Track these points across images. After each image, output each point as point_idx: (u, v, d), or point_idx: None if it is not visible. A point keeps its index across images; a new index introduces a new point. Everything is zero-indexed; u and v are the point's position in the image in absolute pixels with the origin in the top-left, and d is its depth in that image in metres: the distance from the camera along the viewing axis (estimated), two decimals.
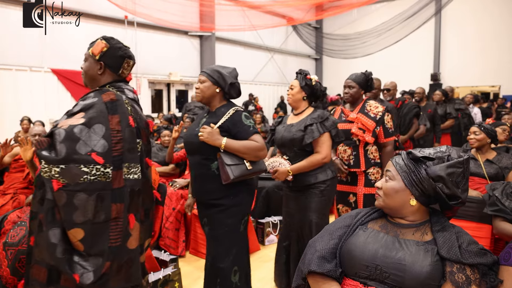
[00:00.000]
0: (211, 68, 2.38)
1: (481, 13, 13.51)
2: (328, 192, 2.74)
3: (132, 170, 1.76)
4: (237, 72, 2.44)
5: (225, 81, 2.34)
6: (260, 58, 14.28)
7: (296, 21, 14.18)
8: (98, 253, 1.66)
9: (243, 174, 2.19)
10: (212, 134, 2.20)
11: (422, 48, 14.54)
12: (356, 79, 3.04)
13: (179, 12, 10.46)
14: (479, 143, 3.02)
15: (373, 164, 2.99)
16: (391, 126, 3.03)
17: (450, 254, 1.30)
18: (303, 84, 2.75)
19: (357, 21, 14.97)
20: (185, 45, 11.78)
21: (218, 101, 2.38)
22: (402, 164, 1.42)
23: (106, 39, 1.95)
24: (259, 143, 2.22)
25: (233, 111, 2.29)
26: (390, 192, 1.42)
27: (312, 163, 2.67)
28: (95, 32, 9.38)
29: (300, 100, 2.78)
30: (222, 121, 2.27)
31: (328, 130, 2.67)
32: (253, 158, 2.23)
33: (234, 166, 2.17)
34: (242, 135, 2.24)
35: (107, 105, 1.74)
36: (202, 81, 2.36)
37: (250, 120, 2.29)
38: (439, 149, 1.45)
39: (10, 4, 7.78)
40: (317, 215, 2.70)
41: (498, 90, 13.76)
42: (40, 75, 8.40)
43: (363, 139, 2.95)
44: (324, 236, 1.51)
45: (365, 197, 2.98)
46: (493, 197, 2.39)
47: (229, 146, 2.19)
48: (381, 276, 1.33)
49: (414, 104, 5.05)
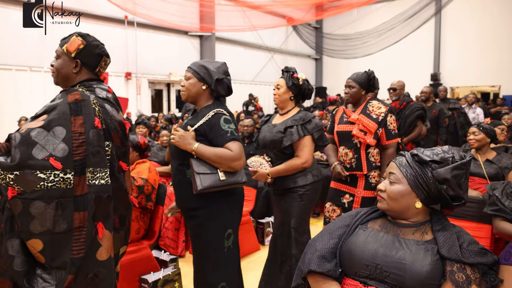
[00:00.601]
0: (197, 63, 2.17)
1: (481, 13, 13.51)
2: (308, 196, 2.62)
3: (98, 175, 1.61)
4: (227, 67, 2.22)
5: (211, 77, 2.12)
6: (260, 58, 14.29)
7: (296, 21, 14.19)
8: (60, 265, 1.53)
9: (215, 185, 1.95)
10: (183, 138, 2.00)
11: (422, 48, 14.55)
12: (357, 79, 2.91)
13: (179, 12, 10.47)
14: (478, 143, 3.01)
15: (374, 167, 2.89)
16: (394, 127, 2.90)
17: (450, 253, 1.30)
18: (290, 83, 2.61)
19: (357, 21, 14.98)
20: (185, 45, 11.78)
21: (205, 100, 2.16)
22: (408, 167, 1.40)
23: (82, 35, 1.81)
24: (233, 152, 1.97)
25: (212, 113, 2.06)
26: (396, 196, 1.40)
27: (291, 167, 2.55)
28: (95, 32, 9.30)
29: (287, 100, 2.66)
30: (199, 124, 2.06)
31: (310, 133, 2.54)
32: (226, 169, 1.99)
33: (204, 176, 1.95)
34: (218, 141, 2.01)
35: (70, 106, 1.62)
36: (188, 78, 2.16)
37: (229, 125, 2.04)
38: (441, 150, 1.44)
39: (10, 4, 7.78)
40: (295, 220, 2.59)
41: (498, 90, 13.76)
42: (40, 75, 8.40)
43: (364, 141, 2.82)
44: (324, 236, 1.51)
45: (364, 200, 2.89)
46: (493, 196, 2.39)
47: (200, 153, 1.98)
48: (381, 275, 1.33)
49: (418, 105, 4.75)
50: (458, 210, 2.62)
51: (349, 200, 2.93)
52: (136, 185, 2.77)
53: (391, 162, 1.48)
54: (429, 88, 5.86)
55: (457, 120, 6.52)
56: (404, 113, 4.67)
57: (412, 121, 4.62)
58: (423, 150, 1.44)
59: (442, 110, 5.76)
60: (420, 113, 4.66)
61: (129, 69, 10.21)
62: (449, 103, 6.73)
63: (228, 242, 2.11)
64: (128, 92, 10.43)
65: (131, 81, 10.40)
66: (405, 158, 1.44)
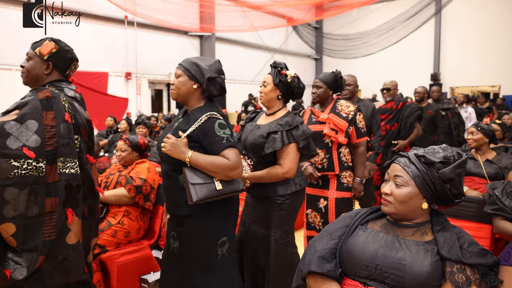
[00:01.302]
0: (189, 60, 2.02)
1: (481, 13, 13.51)
2: (288, 206, 2.41)
3: (68, 165, 1.75)
4: (220, 65, 2.06)
5: (203, 75, 1.96)
6: (260, 58, 14.29)
7: (296, 21, 14.19)
8: (32, 248, 1.65)
9: (211, 196, 1.83)
10: (176, 146, 1.86)
11: (422, 48, 14.55)
12: (324, 79, 2.85)
13: (179, 13, 10.48)
14: (476, 143, 3.02)
15: (346, 167, 2.84)
16: (363, 126, 2.89)
17: (451, 253, 1.30)
18: (277, 81, 2.40)
19: (357, 21, 14.98)
20: (185, 45, 11.79)
21: (196, 100, 2.01)
22: (414, 169, 1.39)
23: (54, 40, 1.97)
24: (230, 161, 1.83)
25: (205, 118, 1.91)
26: (404, 199, 1.38)
27: (271, 175, 2.35)
28: (95, 32, 9.39)
29: (274, 99, 2.44)
30: (192, 129, 1.91)
31: (295, 141, 2.32)
32: (223, 178, 1.85)
33: (200, 186, 1.81)
34: (213, 148, 1.87)
35: (42, 102, 1.76)
36: (178, 75, 2.01)
37: (225, 131, 1.90)
38: (440, 149, 1.44)
39: (10, 4, 7.78)
40: (275, 230, 2.39)
41: (498, 90, 13.77)
42: None
43: (336, 140, 2.77)
44: (324, 237, 1.51)
45: (337, 201, 2.81)
46: (493, 196, 2.39)
47: (194, 162, 1.84)
48: (381, 276, 1.33)
49: (416, 106, 4.60)
50: (458, 210, 2.63)
51: (324, 205, 2.85)
52: (134, 185, 2.77)
53: (394, 164, 1.45)
54: (423, 88, 5.70)
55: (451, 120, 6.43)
56: (403, 114, 4.47)
57: (412, 122, 4.49)
58: (423, 150, 1.44)
59: (438, 110, 5.71)
60: (419, 113, 4.56)
61: (129, 69, 10.21)
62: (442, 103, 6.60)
63: (222, 249, 2.00)
64: (128, 92, 10.44)
65: (131, 81, 10.40)
66: (409, 160, 1.42)
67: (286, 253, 2.43)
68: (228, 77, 8.96)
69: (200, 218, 1.95)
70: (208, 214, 1.95)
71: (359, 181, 2.86)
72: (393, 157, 1.51)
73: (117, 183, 2.82)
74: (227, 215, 2.03)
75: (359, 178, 2.86)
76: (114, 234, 2.68)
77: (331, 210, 2.83)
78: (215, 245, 1.97)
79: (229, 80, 12.92)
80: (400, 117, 4.46)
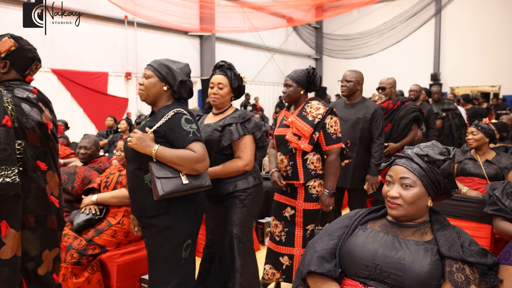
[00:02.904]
0: (159, 61, 2.01)
1: (481, 13, 13.52)
2: (250, 202, 2.35)
3: (2, 173, 1.57)
4: (190, 69, 2.10)
5: (174, 78, 1.98)
6: (260, 58, 14.29)
7: (296, 21, 14.19)
8: None
9: (178, 190, 1.80)
10: (142, 140, 1.84)
11: (422, 48, 14.55)
12: (295, 77, 2.60)
13: (179, 13, 10.47)
14: (477, 143, 3.01)
15: (313, 176, 2.57)
16: (335, 131, 2.56)
17: (451, 252, 1.30)
18: (236, 85, 2.40)
19: (357, 21, 14.98)
20: (185, 45, 11.78)
21: (164, 101, 2.01)
22: (419, 169, 1.40)
23: (14, 38, 1.83)
24: (197, 153, 1.83)
25: (172, 113, 1.91)
26: (414, 200, 1.39)
27: (231, 169, 2.30)
28: (95, 32, 9.39)
29: (228, 100, 2.43)
30: (159, 125, 1.91)
31: (251, 132, 2.32)
32: (189, 171, 1.83)
33: (166, 180, 1.79)
34: (179, 142, 1.87)
35: None
36: (148, 76, 1.98)
37: (191, 125, 1.90)
38: (434, 145, 1.46)
39: (10, 4, 7.78)
40: (238, 228, 2.32)
41: (498, 90, 13.76)
42: (40, 75, 8.34)
43: (298, 146, 2.51)
44: (324, 237, 1.51)
45: (306, 213, 2.60)
46: (493, 196, 2.39)
47: (161, 155, 1.82)
48: (381, 275, 1.33)
49: (413, 106, 4.12)
50: (458, 210, 2.63)
51: (290, 214, 2.66)
52: None
53: (397, 166, 1.43)
54: (418, 86, 5.32)
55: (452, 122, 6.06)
56: (398, 114, 4.02)
57: (407, 124, 3.99)
58: (419, 149, 1.44)
59: (431, 110, 5.28)
60: (416, 115, 4.05)
61: (129, 69, 10.20)
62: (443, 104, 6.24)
63: (185, 253, 1.97)
64: (128, 92, 10.43)
65: (131, 81, 10.40)
66: (412, 160, 1.42)
67: (249, 250, 2.39)
68: None
69: (165, 219, 1.92)
70: (173, 217, 1.92)
71: (327, 193, 2.54)
72: (390, 160, 1.50)
73: (117, 183, 2.82)
74: (192, 217, 1.99)
75: (328, 190, 2.54)
76: (114, 234, 2.68)
77: (299, 222, 2.63)
78: (180, 248, 1.95)
79: None
80: (395, 117, 4.02)
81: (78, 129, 8.56)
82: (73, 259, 2.49)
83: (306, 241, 2.61)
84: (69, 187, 2.97)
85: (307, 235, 2.62)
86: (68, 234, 2.63)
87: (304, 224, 2.62)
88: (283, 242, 2.70)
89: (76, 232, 2.65)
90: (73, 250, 2.52)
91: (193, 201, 1.98)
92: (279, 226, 2.71)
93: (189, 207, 1.96)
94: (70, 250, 2.51)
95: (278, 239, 2.72)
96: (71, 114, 8.84)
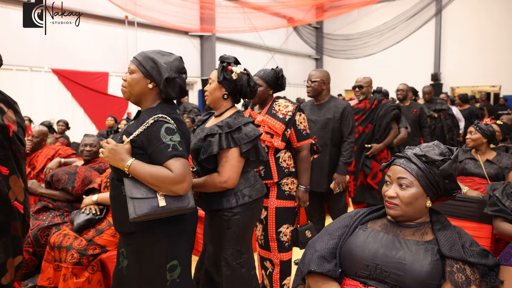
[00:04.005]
0: (145, 54, 1.74)
1: (482, 13, 13.51)
2: (237, 222, 2.06)
3: None
4: (182, 63, 1.79)
5: (160, 74, 1.69)
6: (261, 58, 14.28)
7: (297, 22, 14.19)
8: None
9: (152, 213, 1.54)
10: (115, 153, 1.59)
11: (423, 48, 14.54)
12: (264, 76, 2.53)
13: (180, 13, 10.48)
14: (474, 143, 3.01)
15: (287, 174, 2.52)
16: (304, 127, 2.56)
17: (452, 252, 1.30)
18: (221, 78, 2.07)
19: (357, 21, 14.98)
20: (186, 45, 11.79)
21: (151, 101, 1.75)
22: (417, 169, 1.40)
23: None
24: (174, 173, 1.55)
25: (152, 121, 1.63)
26: (411, 200, 1.39)
27: (209, 184, 2.02)
28: (95, 32, 9.39)
29: (219, 99, 2.11)
30: (136, 134, 1.64)
31: (237, 145, 1.99)
32: (167, 192, 1.57)
33: (139, 201, 1.54)
34: (157, 157, 1.59)
35: None
36: (131, 71, 1.73)
37: (172, 137, 1.61)
38: (434, 146, 1.45)
39: (10, 4, 7.78)
40: (225, 250, 2.09)
41: (498, 90, 13.75)
42: (40, 75, 8.40)
43: (272, 145, 2.45)
44: (324, 236, 1.51)
45: (278, 211, 2.51)
46: (494, 197, 2.39)
47: (134, 172, 1.57)
48: (381, 275, 1.33)
49: (392, 104, 3.93)
50: (459, 210, 2.63)
51: (265, 215, 2.55)
52: None
53: (395, 167, 1.44)
54: (405, 85, 5.16)
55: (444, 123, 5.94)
56: (378, 114, 3.86)
57: (389, 123, 3.85)
58: (420, 149, 1.44)
59: (423, 109, 5.12)
60: (396, 113, 3.88)
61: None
62: (435, 104, 6.09)
63: (172, 274, 1.73)
64: None
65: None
66: (410, 161, 1.42)
67: (239, 276, 2.11)
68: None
69: (144, 237, 1.69)
70: (153, 234, 1.69)
71: (303, 189, 2.53)
72: (391, 159, 1.51)
73: None
74: (177, 236, 1.75)
75: (304, 186, 2.53)
76: (115, 234, 2.68)
77: (271, 221, 2.53)
78: (162, 269, 1.71)
79: None
80: (375, 117, 3.88)
81: (79, 129, 8.56)
82: (74, 259, 2.49)
83: (282, 244, 2.53)
84: (69, 187, 2.97)
85: (281, 237, 2.52)
86: (68, 234, 2.63)
87: (277, 224, 2.51)
88: (263, 246, 2.62)
89: (77, 232, 2.66)
90: (74, 250, 2.52)
91: (181, 220, 1.73)
92: (259, 229, 2.63)
93: (173, 228, 1.72)
94: (71, 250, 2.51)
95: (260, 243, 2.65)
96: (71, 114, 8.85)
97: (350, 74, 3.53)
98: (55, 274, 2.61)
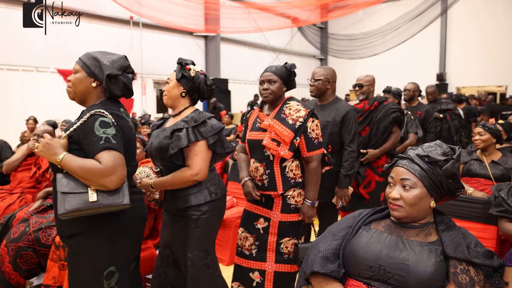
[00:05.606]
0: (89, 54, 1.75)
1: (487, 13, 13.44)
2: (206, 221, 2.06)
3: None
4: (127, 61, 1.82)
5: (102, 72, 1.70)
6: (265, 58, 14.28)
7: (301, 22, 14.18)
8: None
9: (83, 208, 1.51)
10: (49, 147, 1.58)
11: (428, 48, 14.50)
12: (277, 72, 2.29)
13: (185, 14, 10.52)
14: (484, 143, 2.98)
15: (293, 185, 2.29)
16: (317, 135, 2.29)
17: (457, 253, 1.29)
18: (179, 76, 2.10)
19: (362, 21, 14.95)
20: (190, 45, 11.83)
21: (95, 100, 1.75)
22: (420, 170, 1.39)
23: None
24: (103, 165, 1.52)
25: (89, 115, 1.62)
26: (415, 201, 1.38)
27: (179, 179, 2.00)
28: (100, 32, 9.43)
29: (178, 97, 2.13)
30: (73, 129, 1.65)
31: (204, 138, 2.01)
32: (97, 186, 1.54)
33: (70, 196, 1.51)
34: (90, 150, 1.57)
35: None
36: (75, 71, 1.74)
37: (106, 130, 1.59)
38: (437, 146, 1.45)
39: (15, 5, 7.84)
40: (191, 250, 2.06)
41: (505, 90, 13.67)
42: (46, 75, 8.46)
43: (277, 153, 2.23)
44: (327, 237, 1.51)
45: (281, 226, 2.31)
46: (499, 198, 2.37)
47: (66, 166, 1.55)
48: (384, 276, 1.33)
49: (393, 106, 3.50)
50: (464, 211, 2.62)
51: (263, 226, 2.36)
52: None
53: (399, 168, 1.43)
54: (413, 84, 4.79)
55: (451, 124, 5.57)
56: (376, 116, 3.46)
57: (387, 127, 3.42)
58: (422, 150, 1.44)
59: (429, 111, 4.72)
60: (397, 116, 3.45)
61: (134, 69, 10.23)
62: (440, 104, 5.71)
63: (109, 282, 1.68)
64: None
65: (136, 81, 10.44)
66: (413, 161, 1.42)
67: (205, 277, 2.09)
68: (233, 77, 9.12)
69: (83, 241, 1.65)
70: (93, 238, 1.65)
71: (309, 204, 2.29)
72: (394, 160, 1.50)
73: None
74: (116, 240, 1.69)
75: (310, 201, 2.29)
76: None
77: (273, 234, 2.34)
78: (98, 276, 1.66)
79: (234, 80, 12.98)
80: (373, 120, 3.47)
81: None
82: None
83: (280, 256, 2.33)
84: None
85: (281, 249, 2.33)
86: None
87: (279, 237, 2.33)
88: (254, 256, 2.38)
89: None
90: None
91: (123, 220, 1.69)
92: (249, 239, 2.40)
93: (112, 229, 1.68)
94: None
95: (248, 253, 2.40)
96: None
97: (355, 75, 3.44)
98: (60, 273, 2.61)
